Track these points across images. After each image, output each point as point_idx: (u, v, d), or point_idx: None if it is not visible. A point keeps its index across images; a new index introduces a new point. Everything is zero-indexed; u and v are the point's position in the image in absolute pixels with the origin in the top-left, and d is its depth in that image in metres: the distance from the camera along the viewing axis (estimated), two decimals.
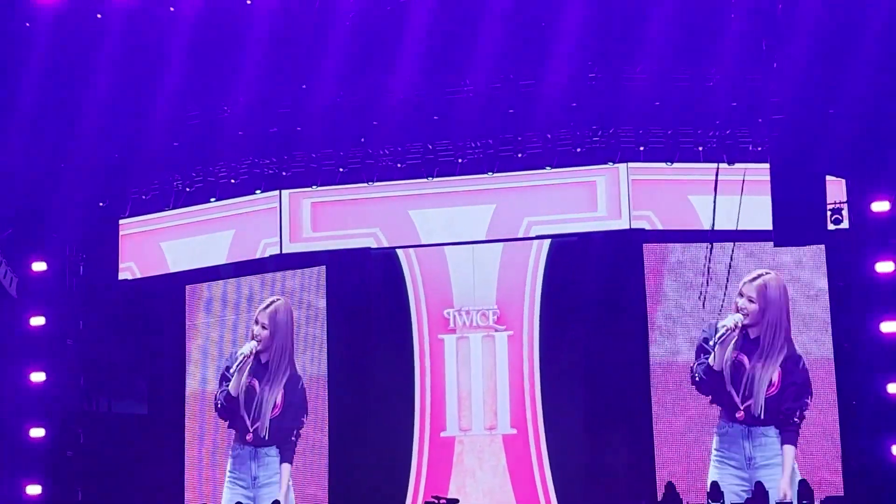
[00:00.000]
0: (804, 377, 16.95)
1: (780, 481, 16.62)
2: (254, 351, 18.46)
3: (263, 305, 18.59)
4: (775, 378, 16.97)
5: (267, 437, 18.27)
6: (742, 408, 16.98)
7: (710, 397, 17.12)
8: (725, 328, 17.06)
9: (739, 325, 17.08)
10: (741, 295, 17.20)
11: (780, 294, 17.17)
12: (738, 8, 16.14)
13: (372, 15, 16.34)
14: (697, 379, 17.13)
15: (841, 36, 15.76)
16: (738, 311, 17.18)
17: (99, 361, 18.95)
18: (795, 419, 16.89)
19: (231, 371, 18.53)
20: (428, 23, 16.53)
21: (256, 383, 18.45)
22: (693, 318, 17.26)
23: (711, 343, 17.08)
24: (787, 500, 16.52)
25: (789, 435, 16.87)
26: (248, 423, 18.41)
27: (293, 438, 18.20)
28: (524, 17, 16.61)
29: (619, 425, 17.14)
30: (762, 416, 16.89)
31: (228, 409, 18.56)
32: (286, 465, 18.18)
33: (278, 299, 18.54)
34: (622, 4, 16.20)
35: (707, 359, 17.13)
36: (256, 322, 18.54)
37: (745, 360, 17.10)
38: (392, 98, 17.23)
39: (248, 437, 18.39)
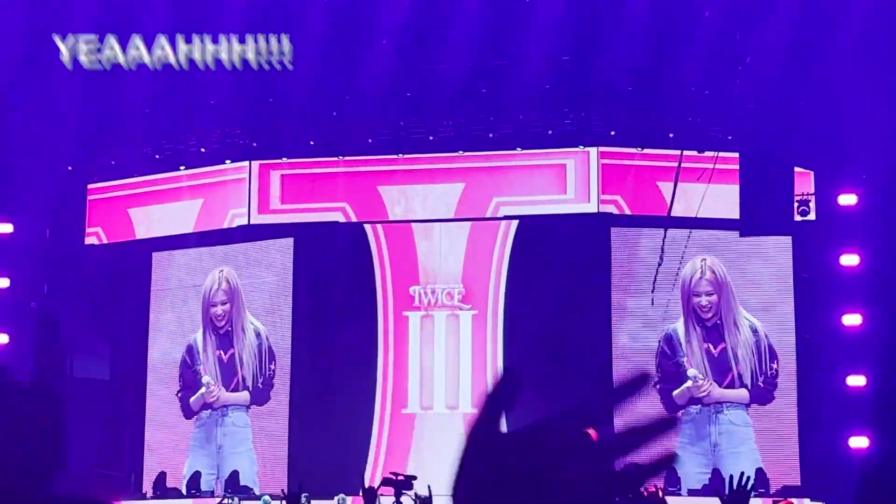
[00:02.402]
0: (769, 347, 17.02)
1: None
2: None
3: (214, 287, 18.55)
4: (739, 354, 17.06)
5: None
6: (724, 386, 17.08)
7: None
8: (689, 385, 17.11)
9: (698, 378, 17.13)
10: (696, 295, 17.20)
11: (724, 273, 17.24)
12: None
13: None
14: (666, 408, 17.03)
15: (814, 29, 15.81)
16: (698, 310, 17.17)
17: (62, 326, 18.87)
18: (760, 384, 16.96)
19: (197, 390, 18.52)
20: (404, 0, 16.49)
21: (223, 353, 18.41)
22: (657, 305, 17.27)
23: (677, 392, 17.10)
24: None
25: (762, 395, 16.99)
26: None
27: (265, 385, 18.13)
28: None
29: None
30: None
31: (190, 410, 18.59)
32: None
33: (221, 270, 18.45)
34: None
35: (672, 390, 17.12)
36: (213, 305, 18.48)
37: (712, 347, 17.14)
38: (365, 73, 17.15)
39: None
